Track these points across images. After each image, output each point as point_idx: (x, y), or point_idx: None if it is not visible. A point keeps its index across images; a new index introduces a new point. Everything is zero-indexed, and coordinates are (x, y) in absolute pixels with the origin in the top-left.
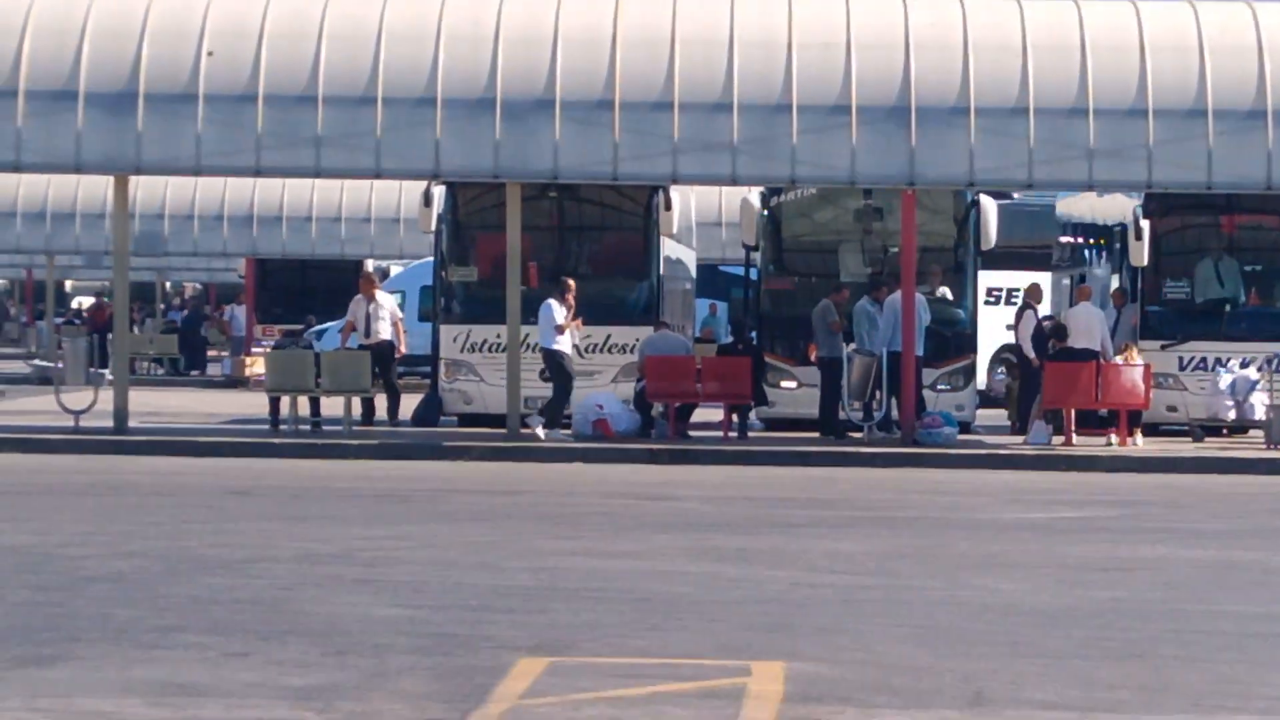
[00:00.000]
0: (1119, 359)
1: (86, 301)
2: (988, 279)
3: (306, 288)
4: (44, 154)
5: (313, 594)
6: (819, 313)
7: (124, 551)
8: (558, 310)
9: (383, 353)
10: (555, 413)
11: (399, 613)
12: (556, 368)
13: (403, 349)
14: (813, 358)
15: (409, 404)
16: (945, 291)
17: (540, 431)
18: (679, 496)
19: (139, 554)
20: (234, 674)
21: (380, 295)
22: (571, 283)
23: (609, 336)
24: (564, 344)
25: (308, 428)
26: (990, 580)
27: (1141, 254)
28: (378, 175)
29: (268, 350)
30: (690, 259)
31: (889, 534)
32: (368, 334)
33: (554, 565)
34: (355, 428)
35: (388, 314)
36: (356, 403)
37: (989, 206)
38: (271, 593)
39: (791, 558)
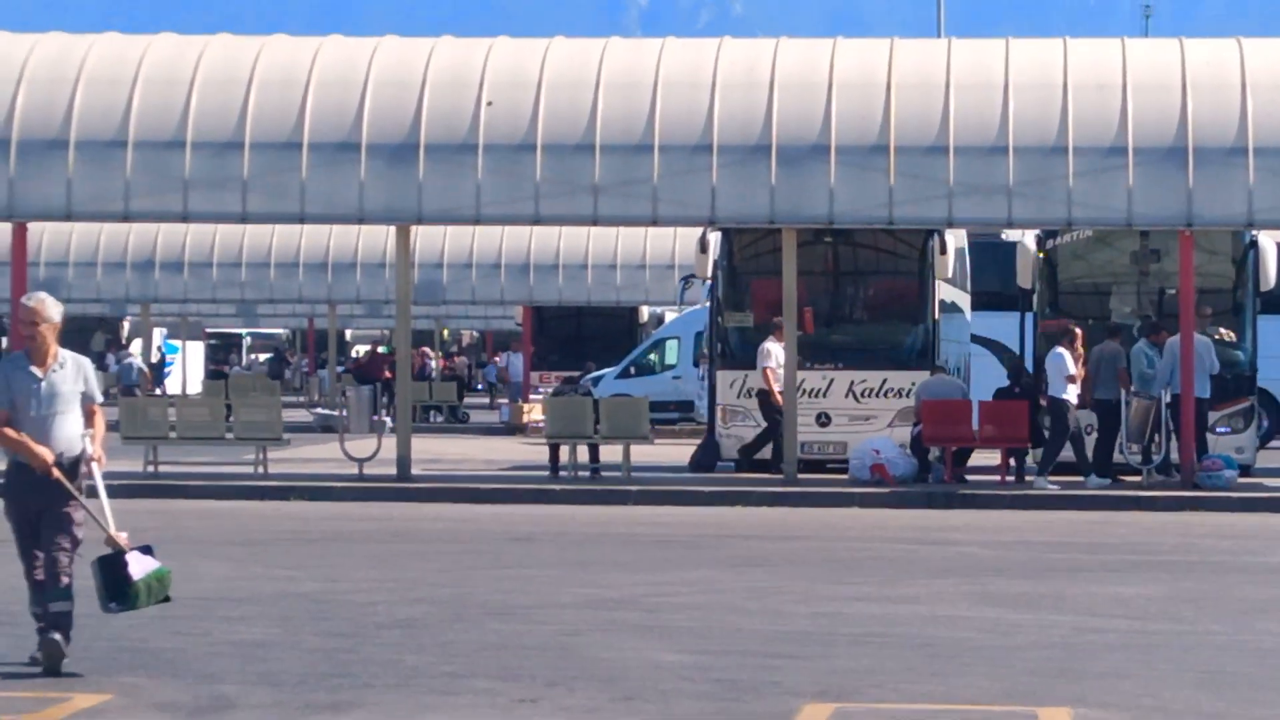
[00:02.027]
0: None
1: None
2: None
3: (582, 334)
4: (327, 205)
5: (598, 639)
6: (1104, 356)
7: (411, 598)
8: (1068, 360)
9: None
10: (1050, 460)
11: (684, 658)
12: (1059, 418)
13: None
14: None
15: (686, 450)
16: (1226, 333)
17: (1045, 483)
18: (958, 541)
19: (426, 600)
20: (524, 719)
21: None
22: (1079, 331)
23: (885, 381)
24: (1071, 394)
25: (587, 474)
26: (1276, 625)
27: None
28: (654, 222)
29: (545, 397)
30: (965, 302)
31: (1171, 578)
32: None
33: (835, 610)
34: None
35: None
36: (635, 448)
37: (1268, 246)
38: (557, 638)
39: (1074, 602)
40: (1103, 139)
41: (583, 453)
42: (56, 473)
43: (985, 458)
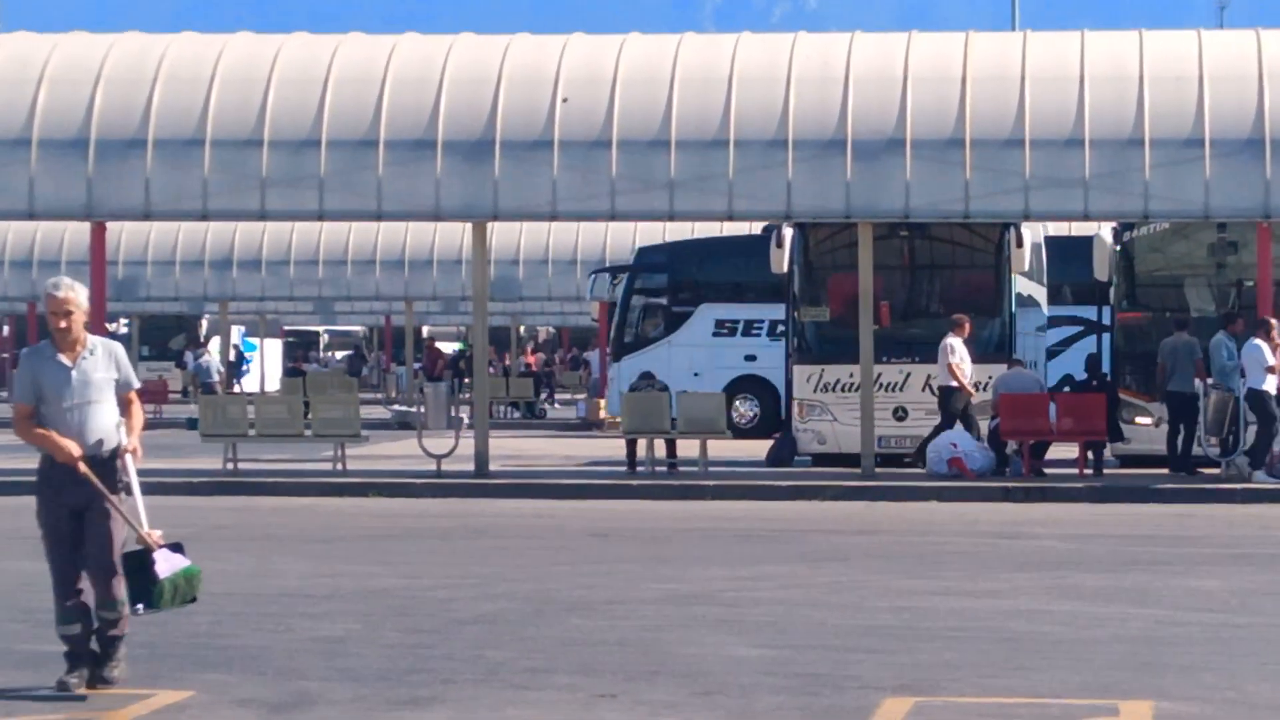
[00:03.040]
0: None
1: (447, 347)
2: None
3: None
4: (404, 202)
5: (677, 634)
6: (1178, 348)
7: (491, 593)
8: (1266, 351)
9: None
10: (1262, 453)
11: (763, 653)
12: (1264, 409)
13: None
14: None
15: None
16: None
17: (1263, 476)
18: (1036, 534)
19: (505, 596)
20: (604, 714)
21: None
22: (1275, 323)
23: None
24: (1271, 385)
25: (664, 469)
26: None
27: None
28: (729, 218)
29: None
30: (1041, 295)
31: (1252, 571)
32: None
33: (915, 605)
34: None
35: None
36: (713, 443)
37: None
38: (637, 634)
39: (1154, 595)
40: (1179, 131)
41: (660, 447)
42: (84, 467)
43: (1063, 450)
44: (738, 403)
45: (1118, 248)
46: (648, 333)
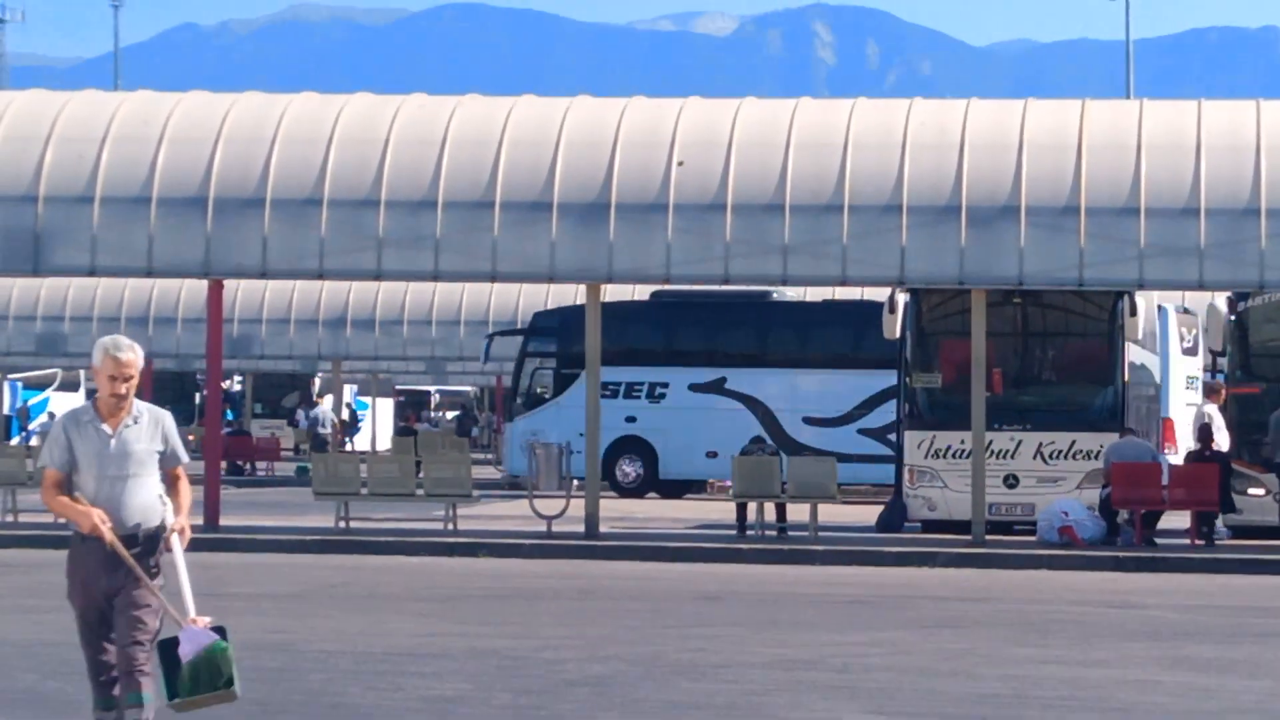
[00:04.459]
0: None
1: None
2: None
3: None
4: (519, 263)
5: (786, 699)
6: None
7: (600, 655)
8: None
9: None
10: None
11: (873, 719)
12: None
13: None
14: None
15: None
16: None
17: None
18: (1148, 604)
19: (615, 658)
20: None
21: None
22: None
23: (1073, 443)
24: None
25: (774, 533)
26: None
27: None
28: (843, 282)
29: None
30: (1154, 364)
31: None
32: None
33: (1025, 673)
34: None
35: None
36: (823, 508)
37: None
38: (745, 698)
39: (1267, 667)
40: None
41: (770, 511)
42: (110, 536)
43: (1175, 520)
44: (622, 462)
45: (1232, 318)
46: (539, 394)
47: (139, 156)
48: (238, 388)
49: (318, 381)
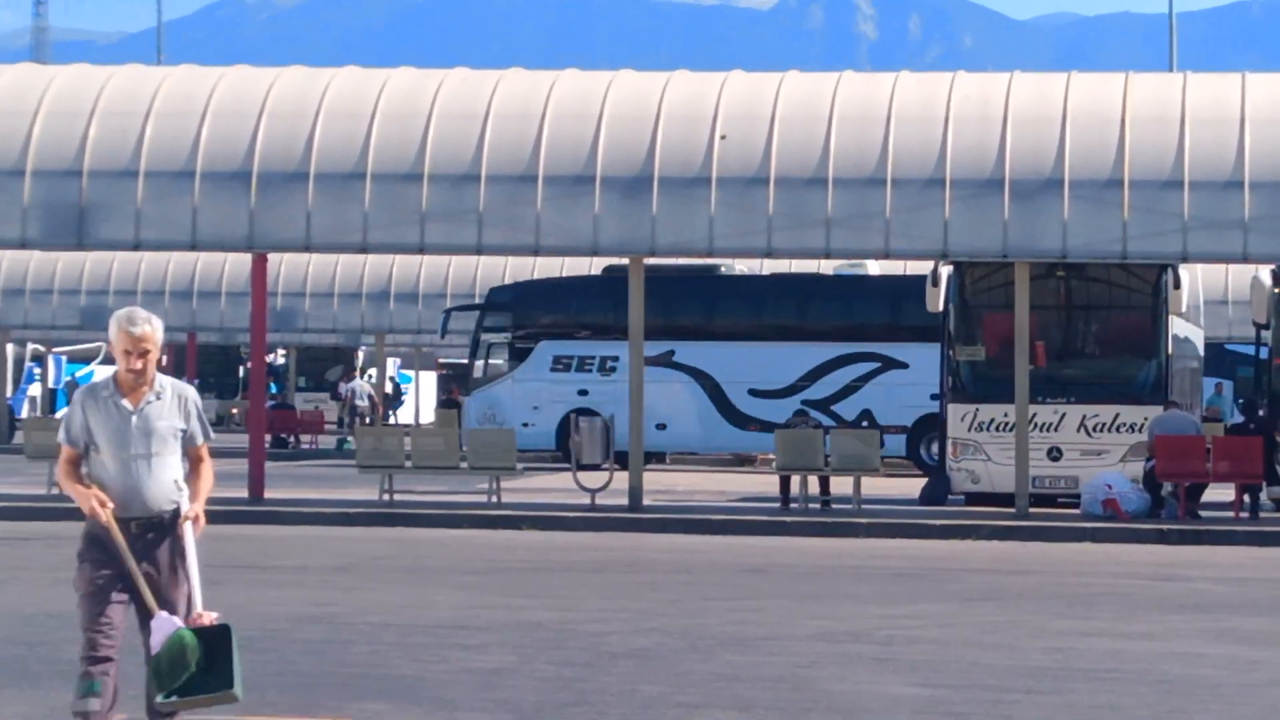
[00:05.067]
0: None
1: None
2: None
3: None
4: (562, 237)
5: (831, 672)
6: None
7: (644, 628)
8: None
9: None
10: None
11: (918, 691)
12: None
13: None
14: None
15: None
16: None
17: None
18: (1191, 577)
19: (659, 630)
20: None
21: None
22: None
23: (1117, 415)
24: None
25: (818, 506)
26: None
27: None
28: (886, 255)
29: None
30: (1198, 337)
31: None
32: None
33: (1069, 645)
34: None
35: None
36: (866, 481)
37: None
38: (791, 670)
39: None
40: None
41: (813, 484)
42: (106, 516)
43: (1219, 493)
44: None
45: (1276, 290)
46: (495, 368)
47: (183, 131)
48: (281, 361)
49: (361, 355)
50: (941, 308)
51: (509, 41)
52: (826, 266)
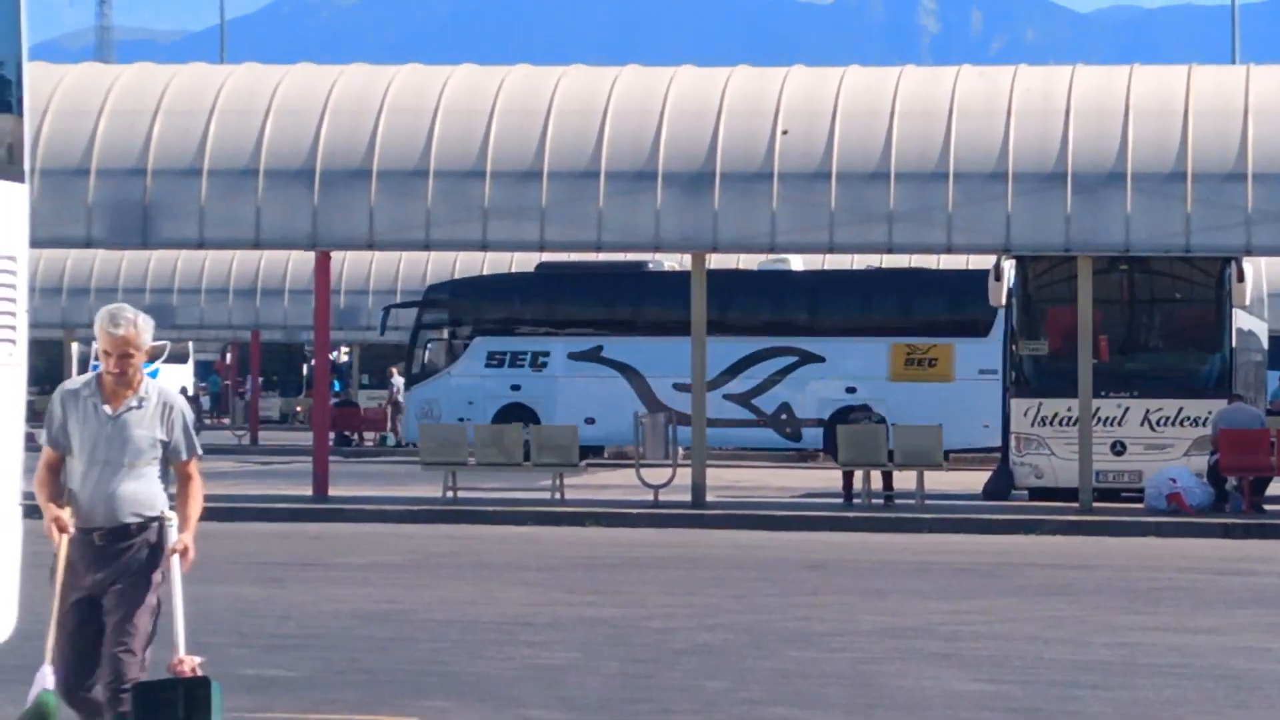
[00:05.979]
0: None
1: None
2: None
3: None
4: (624, 233)
5: (895, 668)
6: None
7: (708, 624)
8: None
9: None
10: None
11: (982, 687)
12: None
13: None
14: None
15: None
16: None
17: None
18: (1257, 571)
19: (723, 627)
20: None
21: None
22: None
23: (1181, 409)
24: None
25: (881, 501)
26: None
27: None
28: (948, 250)
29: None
30: (1262, 330)
31: None
32: None
33: (1134, 640)
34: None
35: None
36: (928, 476)
37: None
38: (854, 666)
39: None
40: None
41: (876, 479)
42: (58, 540)
43: None
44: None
45: None
46: (433, 364)
47: (246, 129)
48: (345, 359)
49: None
50: (1004, 302)
51: (569, 38)
52: (840, 261)
